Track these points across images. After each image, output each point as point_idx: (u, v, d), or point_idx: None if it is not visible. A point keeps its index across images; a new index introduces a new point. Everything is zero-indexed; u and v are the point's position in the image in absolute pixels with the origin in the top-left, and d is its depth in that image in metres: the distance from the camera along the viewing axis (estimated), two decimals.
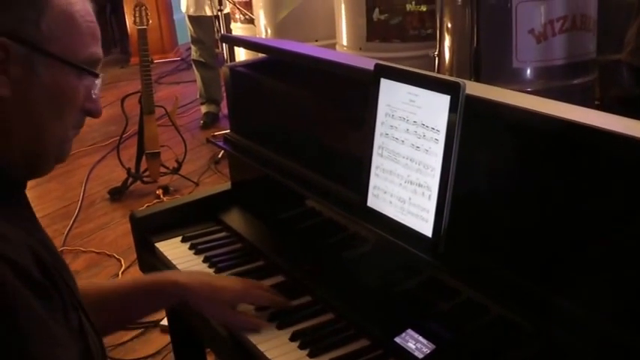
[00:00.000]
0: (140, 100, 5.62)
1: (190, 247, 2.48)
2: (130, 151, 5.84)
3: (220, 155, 6.15)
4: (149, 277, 2.15)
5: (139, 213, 2.63)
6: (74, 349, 1.43)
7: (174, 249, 2.50)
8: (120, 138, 5.73)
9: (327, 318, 2.04)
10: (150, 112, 5.61)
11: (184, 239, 2.53)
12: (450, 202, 1.72)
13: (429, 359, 1.76)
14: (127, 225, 2.67)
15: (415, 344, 1.79)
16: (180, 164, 5.83)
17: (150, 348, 3.71)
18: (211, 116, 7.31)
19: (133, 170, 5.75)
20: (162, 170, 5.81)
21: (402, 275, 1.98)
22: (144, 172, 5.79)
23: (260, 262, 2.35)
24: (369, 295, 2.03)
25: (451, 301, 1.84)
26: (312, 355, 1.88)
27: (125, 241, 4.71)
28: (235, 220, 2.61)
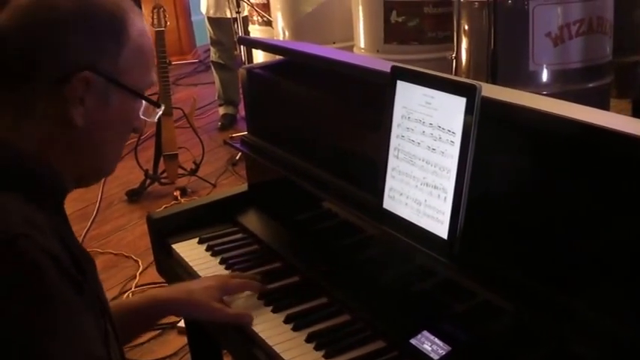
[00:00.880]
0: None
1: (207, 249, 2.49)
2: (148, 153, 5.84)
3: (238, 157, 6.13)
4: (135, 301, 2.20)
5: (155, 214, 2.64)
6: (103, 348, 1.46)
7: (191, 250, 2.50)
8: (138, 139, 5.72)
9: (343, 319, 2.04)
10: (168, 113, 5.62)
11: (201, 241, 2.54)
12: (466, 204, 1.72)
13: None
14: (144, 226, 2.68)
15: (431, 346, 1.79)
16: (198, 166, 5.83)
17: (167, 349, 3.73)
18: (229, 118, 7.31)
19: (150, 172, 5.76)
20: (179, 172, 5.81)
21: (418, 277, 1.98)
22: (161, 173, 5.80)
23: (276, 264, 2.36)
24: (384, 297, 2.03)
25: (466, 303, 1.84)
26: (328, 357, 1.88)
27: (143, 243, 4.72)
28: (252, 222, 2.61)
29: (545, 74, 3.99)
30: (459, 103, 1.71)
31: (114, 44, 1.50)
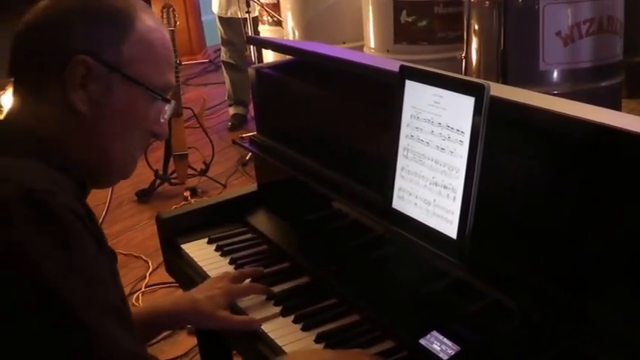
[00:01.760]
0: None
1: (216, 249, 2.49)
2: (158, 153, 5.84)
3: (248, 157, 6.11)
4: (138, 312, 2.18)
5: (165, 214, 2.64)
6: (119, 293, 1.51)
7: (200, 250, 2.50)
8: None
9: (352, 319, 2.04)
10: (177, 113, 5.62)
11: (210, 241, 2.54)
12: (475, 204, 1.71)
13: None
14: (154, 227, 2.68)
15: (440, 346, 1.79)
16: (208, 166, 5.84)
17: (177, 349, 3.73)
18: (239, 118, 7.31)
19: (160, 172, 5.77)
20: (189, 172, 5.82)
21: (427, 277, 1.98)
22: (171, 173, 5.81)
23: (286, 264, 2.36)
24: (393, 297, 2.02)
25: (476, 303, 1.84)
26: None
27: (153, 243, 4.72)
28: (261, 222, 2.61)
29: (556, 74, 3.97)
30: (467, 102, 1.71)
31: (115, 33, 1.54)
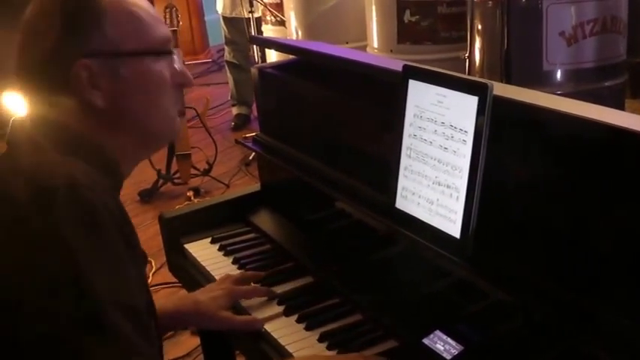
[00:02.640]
0: None
1: (220, 249, 2.49)
2: (161, 153, 5.81)
3: (251, 157, 6.11)
4: None
5: (167, 214, 2.64)
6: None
7: (203, 250, 2.51)
8: None
9: (355, 319, 2.04)
10: (181, 113, 5.58)
11: (214, 240, 2.54)
12: (478, 204, 1.71)
13: None
14: (157, 226, 2.68)
15: (443, 345, 1.78)
16: (211, 166, 5.84)
17: (180, 350, 3.73)
18: (243, 118, 7.31)
19: (163, 172, 5.77)
20: (192, 172, 5.81)
21: (430, 276, 1.97)
22: (174, 173, 5.81)
23: (289, 264, 2.36)
24: (397, 297, 2.02)
25: (479, 303, 1.84)
26: None
27: (155, 243, 4.69)
28: (264, 222, 2.61)
29: (559, 74, 3.96)
30: (470, 101, 1.71)
31: (94, 24, 1.54)
